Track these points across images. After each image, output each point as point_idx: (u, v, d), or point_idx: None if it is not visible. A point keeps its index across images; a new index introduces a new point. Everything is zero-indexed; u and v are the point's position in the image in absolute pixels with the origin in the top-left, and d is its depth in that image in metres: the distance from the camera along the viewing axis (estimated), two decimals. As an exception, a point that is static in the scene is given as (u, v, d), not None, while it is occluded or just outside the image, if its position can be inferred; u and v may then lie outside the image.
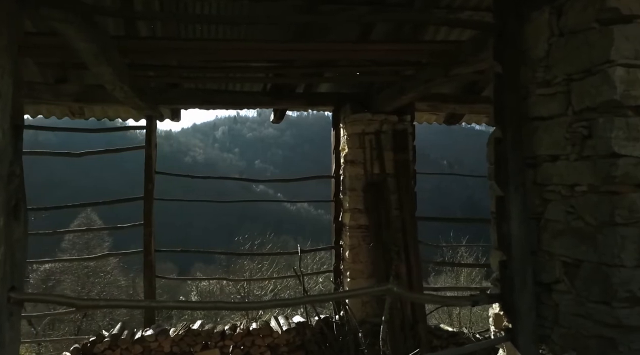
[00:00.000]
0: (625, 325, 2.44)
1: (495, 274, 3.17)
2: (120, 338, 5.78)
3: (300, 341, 6.45)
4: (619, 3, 2.48)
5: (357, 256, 6.93)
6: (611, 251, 2.47)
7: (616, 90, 2.45)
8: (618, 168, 2.46)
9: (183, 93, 6.63)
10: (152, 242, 6.42)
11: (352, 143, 7.03)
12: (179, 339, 5.94)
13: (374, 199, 6.89)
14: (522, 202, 2.91)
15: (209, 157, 66.32)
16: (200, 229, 48.38)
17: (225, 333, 6.14)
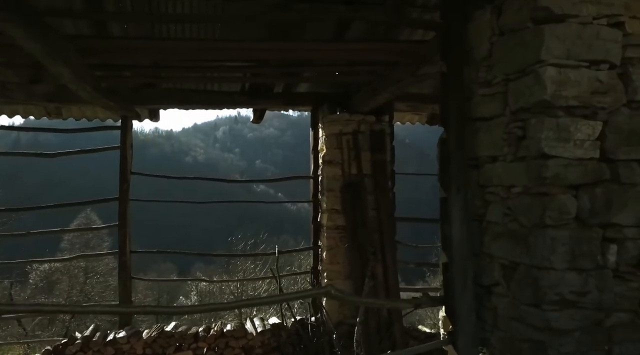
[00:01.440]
0: (555, 328, 2.41)
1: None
2: (92, 340, 5.76)
3: (276, 343, 6.42)
4: (551, 2, 2.44)
5: (335, 257, 6.90)
6: (541, 253, 2.44)
7: (546, 90, 2.42)
8: (548, 169, 2.42)
9: (159, 93, 6.61)
10: (127, 243, 6.40)
11: (330, 143, 7.00)
12: (152, 341, 5.92)
13: (351, 199, 6.86)
14: (463, 203, 2.88)
15: (210, 157, 66.39)
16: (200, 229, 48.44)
17: (199, 335, 6.11)
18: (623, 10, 2.51)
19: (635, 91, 2.52)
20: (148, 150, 62.65)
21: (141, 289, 24.68)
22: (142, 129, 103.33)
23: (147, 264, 30.33)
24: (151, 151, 62.45)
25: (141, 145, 65.83)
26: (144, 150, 62.21)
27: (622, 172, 2.49)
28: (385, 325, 6.36)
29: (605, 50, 2.49)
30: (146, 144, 66.46)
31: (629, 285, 2.49)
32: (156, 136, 72.32)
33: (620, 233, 2.48)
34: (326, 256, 6.93)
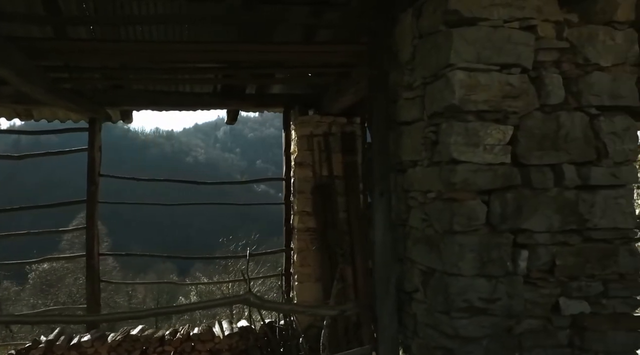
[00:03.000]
0: (463, 335, 2.38)
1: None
2: (56, 344, 5.74)
3: (244, 346, 6.39)
4: (460, 5, 2.40)
5: (305, 259, 6.86)
6: (450, 260, 2.41)
7: (455, 94, 2.38)
8: (456, 174, 2.39)
9: (127, 94, 6.59)
10: (96, 246, 6.39)
11: (301, 145, 6.97)
12: (117, 345, 5.89)
13: (321, 201, 6.82)
14: (386, 208, 2.85)
15: (211, 157, 66.49)
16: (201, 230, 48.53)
17: (165, 338, 6.09)
18: (535, 14, 2.48)
19: (548, 95, 2.48)
20: (148, 151, 62.81)
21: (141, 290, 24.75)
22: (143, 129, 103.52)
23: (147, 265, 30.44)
24: (152, 151, 62.57)
25: (142, 146, 66.26)
26: (144, 151, 62.36)
27: (534, 177, 2.46)
28: (354, 328, 6.33)
29: (517, 53, 2.45)
30: (147, 144, 66.61)
31: (541, 292, 2.46)
32: (157, 136, 72.49)
33: (531, 239, 2.45)
34: (297, 258, 6.90)
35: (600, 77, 2.53)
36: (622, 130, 2.55)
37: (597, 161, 2.53)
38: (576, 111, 2.52)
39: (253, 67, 6.04)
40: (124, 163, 51.52)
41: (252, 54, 5.25)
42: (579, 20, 2.59)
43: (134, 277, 27.51)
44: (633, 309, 2.55)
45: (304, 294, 6.77)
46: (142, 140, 68.02)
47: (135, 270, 29.28)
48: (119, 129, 67.27)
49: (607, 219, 2.51)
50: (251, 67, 6.04)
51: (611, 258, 2.51)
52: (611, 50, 2.55)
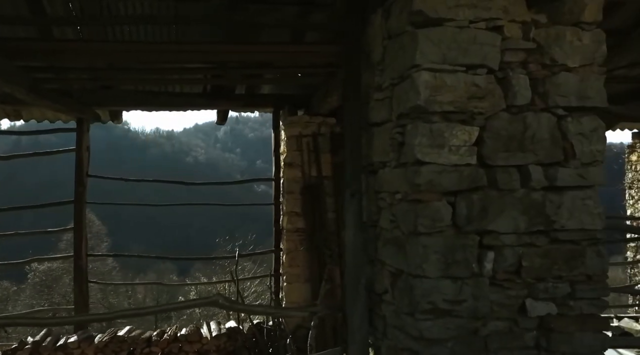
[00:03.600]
0: (427, 337, 2.37)
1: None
2: (42, 345, 5.76)
3: (232, 347, 6.39)
4: (425, 6, 2.39)
5: (294, 260, 6.87)
6: (415, 261, 2.40)
7: (420, 95, 2.37)
8: (421, 176, 2.38)
9: (115, 95, 6.60)
10: (83, 247, 6.39)
11: (290, 145, 6.98)
12: (104, 346, 5.91)
13: (310, 202, 6.83)
14: (357, 209, 2.84)
15: (211, 157, 66.50)
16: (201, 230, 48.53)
17: (152, 339, 6.09)
18: (501, 14, 2.47)
19: (515, 96, 2.47)
20: (149, 150, 62.80)
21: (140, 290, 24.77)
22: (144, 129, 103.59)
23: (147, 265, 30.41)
24: (152, 151, 62.58)
25: (142, 145, 66.30)
26: (144, 151, 62.39)
27: (500, 178, 2.45)
28: (342, 328, 6.32)
29: (483, 54, 2.44)
30: (147, 144, 66.61)
31: (507, 293, 2.45)
32: (157, 136, 72.55)
33: (497, 240, 2.44)
34: (286, 259, 6.91)
35: (567, 78, 2.52)
36: (590, 131, 2.54)
37: (564, 162, 2.52)
38: (543, 112, 2.51)
39: (241, 67, 6.05)
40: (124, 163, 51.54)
41: (239, 54, 5.26)
42: (547, 21, 2.58)
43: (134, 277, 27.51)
44: (600, 310, 2.54)
45: (292, 294, 6.77)
46: (142, 140, 68.02)
47: (135, 271, 29.28)
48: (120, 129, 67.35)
49: (574, 220, 2.50)
50: (240, 67, 6.05)
51: (578, 259, 2.50)
52: (578, 51, 2.54)
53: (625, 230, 5.26)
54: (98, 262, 21.57)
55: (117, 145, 56.78)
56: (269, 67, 6.03)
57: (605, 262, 2.54)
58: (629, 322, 6.35)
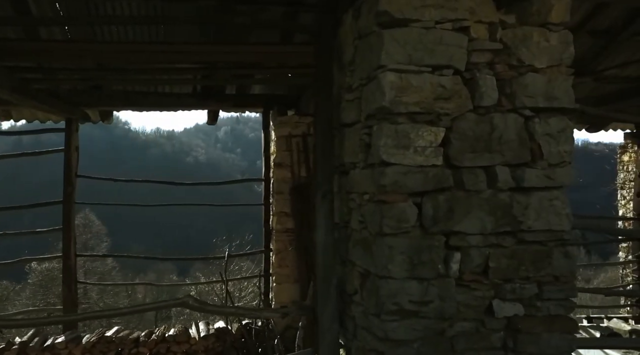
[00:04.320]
0: (393, 338, 2.37)
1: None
2: (29, 345, 5.75)
3: (221, 348, 6.39)
4: (390, 6, 2.39)
5: (284, 260, 6.86)
6: (381, 262, 2.40)
7: (385, 96, 2.37)
8: (386, 177, 2.38)
9: (104, 95, 6.60)
10: (72, 247, 6.40)
11: (280, 146, 6.97)
12: (91, 346, 5.90)
13: (299, 202, 6.82)
14: (328, 210, 2.84)
15: (211, 157, 66.45)
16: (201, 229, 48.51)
17: (140, 340, 6.09)
18: (468, 15, 2.46)
19: (481, 97, 2.47)
20: (149, 151, 62.81)
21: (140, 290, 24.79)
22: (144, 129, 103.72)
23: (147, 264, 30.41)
24: (152, 151, 62.58)
25: (142, 145, 66.27)
26: (145, 151, 62.39)
27: (466, 179, 2.44)
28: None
29: (449, 55, 2.44)
30: (147, 144, 66.62)
31: (474, 294, 2.45)
32: (157, 136, 72.57)
33: (464, 241, 2.44)
34: (275, 259, 6.91)
35: (534, 79, 2.52)
36: (558, 131, 2.53)
37: (531, 163, 2.52)
38: (510, 113, 2.51)
39: (230, 67, 6.05)
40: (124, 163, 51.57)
41: (227, 54, 5.26)
42: (516, 22, 2.58)
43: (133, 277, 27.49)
44: (568, 311, 2.54)
45: (282, 294, 6.77)
46: (143, 140, 68.00)
47: (135, 271, 29.27)
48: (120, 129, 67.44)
49: (542, 221, 2.49)
50: (229, 67, 6.05)
51: (545, 260, 2.50)
52: (546, 52, 2.53)
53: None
54: (98, 262, 21.61)
55: (117, 145, 56.81)
56: (258, 67, 6.04)
57: (573, 263, 2.54)
58: (617, 322, 6.34)
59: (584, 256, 25.29)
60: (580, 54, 5.94)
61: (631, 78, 6.71)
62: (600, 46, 5.84)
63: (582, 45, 5.76)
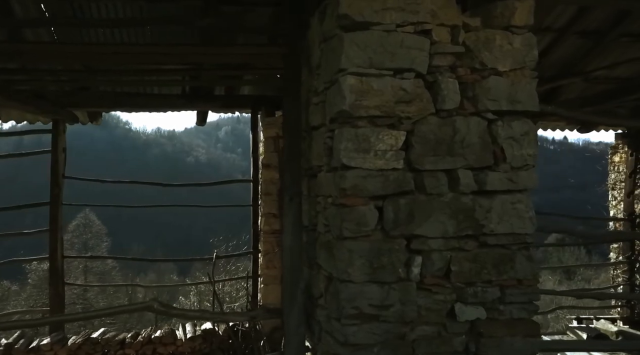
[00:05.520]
0: (352, 343, 2.36)
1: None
2: (15, 347, 5.75)
3: (207, 349, 6.39)
4: (351, 10, 2.39)
5: (271, 262, 6.85)
6: (341, 266, 2.39)
7: (345, 100, 2.37)
8: (346, 180, 2.37)
9: (91, 96, 6.60)
10: (59, 248, 6.40)
11: (267, 147, 6.96)
12: (77, 348, 5.90)
13: (287, 203, 6.82)
14: (296, 213, 2.84)
15: (212, 157, 66.61)
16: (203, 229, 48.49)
17: (125, 341, 6.08)
18: (429, 18, 2.46)
19: (444, 100, 2.46)
20: (150, 151, 62.89)
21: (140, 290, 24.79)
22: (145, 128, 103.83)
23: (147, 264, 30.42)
24: (153, 151, 62.70)
25: (143, 145, 66.41)
26: (145, 150, 62.49)
27: (428, 182, 2.44)
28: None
29: (411, 58, 2.43)
30: (148, 143, 66.72)
31: (435, 298, 2.44)
32: (158, 136, 72.72)
33: (425, 244, 2.43)
34: (263, 261, 6.89)
35: (497, 82, 2.51)
36: (521, 135, 2.53)
37: (494, 166, 2.51)
38: (473, 116, 2.50)
39: (219, 68, 6.05)
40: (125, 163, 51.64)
41: (214, 56, 5.25)
42: (481, 25, 2.57)
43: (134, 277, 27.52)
44: (531, 314, 2.53)
45: (269, 296, 6.76)
46: (143, 140, 68.13)
47: (135, 271, 29.31)
48: (121, 129, 67.55)
49: (504, 224, 2.49)
50: (217, 68, 6.05)
51: (508, 263, 2.49)
52: (509, 55, 2.52)
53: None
54: (98, 262, 21.68)
55: (118, 145, 56.89)
56: (246, 68, 6.03)
57: (535, 266, 2.53)
58: (605, 323, 6.32)
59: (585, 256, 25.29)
60: (569, 54, 5.97)
61: (621, 78, 6.68)
62: (589, 47, 5.83)
63: (570, 46, 5.76)
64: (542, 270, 24.68)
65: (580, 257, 25.75)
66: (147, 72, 6.13)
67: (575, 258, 25.53)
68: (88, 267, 21.79)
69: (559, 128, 8.25)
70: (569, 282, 24.56)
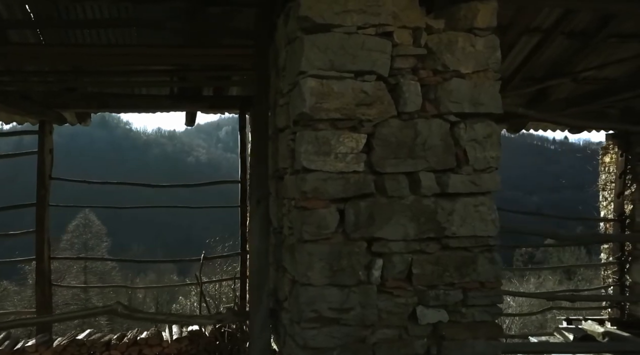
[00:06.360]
0: (312, 346, 2.36)
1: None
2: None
3: (194, 350, 6.37)
4: (311, 12, 2.38)
5: (259, 262, 6.85)
6: (301, 269, 2.38)
7: (306, 102, 2.36)
8: (306, 183, 2.37)
9: (77, 97, 6.59)
10: (46, 250, 6.40)
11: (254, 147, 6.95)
12: (62, 350, 5.88)
13: (274, 204, 6.82)
14: (263, 216, 2.83)
15: (212, 157, 66.66)
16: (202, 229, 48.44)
17: (111, 343, 6.08)
18: (391, 20, 2.45)
19: (405, 103, 2.45)
20: (150, 151, 62.93)
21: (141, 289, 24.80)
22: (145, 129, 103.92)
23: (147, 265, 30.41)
24: (154, 151, 62.75)
25: (143, 145, 66.49)
26: (146, 151, 62.53)
27: (389, 185, 2.43)
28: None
29: (372, 61, 2.42)
30: (148, 144, 66.77)
31: (397, 301, 2.43)
32: (159, 136, 72.81)
33: (386, 247, 2.42)
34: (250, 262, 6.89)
35: (459, 84, 2.50)
36: (484, 137, 2.52)
37: (457, 169, 2.50)
38: (435, 118, 2.49)
39: (206, 69, 6.05)
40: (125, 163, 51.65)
41: (200, 57, 5.25)
42: (446, 27, 2.56)
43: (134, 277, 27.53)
44: (494, 317, 2.52)
45: (256, 296, 6.75)
46: (144, 140, 68.20)
47: (135, 271, 29.30)
48: (121, 129, 67.59)
49: (467, 227, 2.48)
50: (204, 69, 6.05)
51: (470, 266, 2.48)
52: (471, 57, 2.51)
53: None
54: (98, 262, 21.70)
55: (118, 145, 56.94)
56: (233, 69, 6.02)
57: (498, 269, 2.51)
58: (592, 324, 6.30)
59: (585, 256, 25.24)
60: (557, 55, 5.94)
61: (609, 79, 6.66)
62: (577, 48, 5.81)
63: (558, 46, 5.74)
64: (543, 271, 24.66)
65: (581, 258, 25.72)
66: (134, 73, 6.13)
67: (576, 258, 25.47)
68: (88, 267, 21.83)
69: (550, 129, 8.23)
70: (568, 282, 24.51)
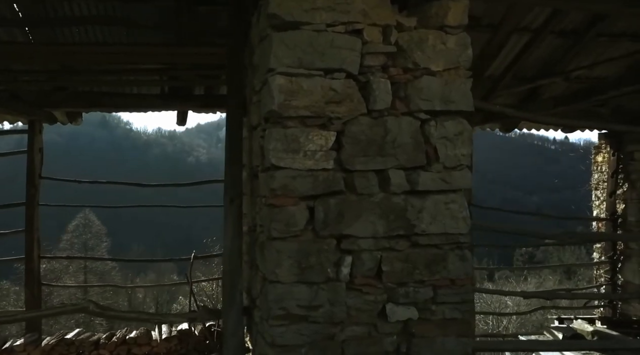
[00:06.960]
0: (279, 344, 2.35)
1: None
2: (-13, 348, 5.76)
3: (184, 349, 6.37)
4: (280, 9, 2.38)
5: (250, 261, 6.86)
6: (269, 266, 2.38)
7: (274, 100, 2.36)
8: (275, 180, 2.37)
9: (67, 96, 6.59)
10: (35, 249, 6.40)
11: (245, 146, 6.94)
12: (50, 349, 5.88)
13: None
14: (236, 214, 2.84)
15: (213, 157, 66.61)
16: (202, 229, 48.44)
17: (100, 342, 6.07)
18: (361, 18, 2.44)
19: (375, 100, 2.45)
20: (151, 151, 62.98)
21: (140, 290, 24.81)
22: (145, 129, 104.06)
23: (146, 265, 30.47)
24: (154, 151, 62.80)
25: (144, 145, 66.53)
26: (146, 151, 62.58)
27: (358, 182, 2.43)
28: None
29: (341, 58, 2.42)
30: (149, 143, 66.82)
31: (365, 298, 2.43)
32: (159, 136, 72.88)
33: (355, 244, 2.42)
34: (241, 260, 6.90)
35: (430, 82, 2.49)
36: (454, 135, 2.51)
37: (427, 166, 2.50)
38: (405, 116, 2.49)
39: (196, 68, 6.05)
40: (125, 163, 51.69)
41: (189, 56, 5.24)
42: (418, 25, 2.55)
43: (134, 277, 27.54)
44: (464, 314, 2.52)
45: (246, 295, 6.75)
46: (144, 140, 68.26)
47: (135, 271, 29.32)
48: (121, 129, 67.68)
49: (437, 225, 2.48)
50: (194, 68, 6.05)
51: (440, 263, 2.48)
52: (442, 55, 2.51)
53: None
54: (99, 262, 21.75)
55: (118, 145, 56.99)
56: (222, 68, 6.01)
57: (469, 266, 2.51)
58: (581, 323, 6.29)
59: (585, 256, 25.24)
60: (547, 54, 5.93)
61: (601, 78, 6.65)
62: (568, 47, 5.80)
63: (549, 46, 5.73)
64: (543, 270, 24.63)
65: (581, 257, 25.72)
66: (125, 72, 6.13)
67: (576, 258, 25.49)
68: (88, 267, 21.86)
69: (543, 128, 8.21)
70: (568, 281, 24.53)
